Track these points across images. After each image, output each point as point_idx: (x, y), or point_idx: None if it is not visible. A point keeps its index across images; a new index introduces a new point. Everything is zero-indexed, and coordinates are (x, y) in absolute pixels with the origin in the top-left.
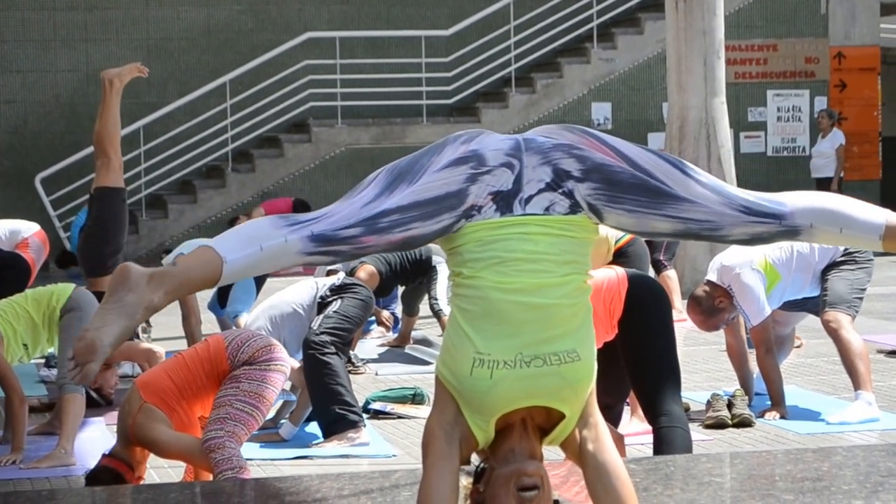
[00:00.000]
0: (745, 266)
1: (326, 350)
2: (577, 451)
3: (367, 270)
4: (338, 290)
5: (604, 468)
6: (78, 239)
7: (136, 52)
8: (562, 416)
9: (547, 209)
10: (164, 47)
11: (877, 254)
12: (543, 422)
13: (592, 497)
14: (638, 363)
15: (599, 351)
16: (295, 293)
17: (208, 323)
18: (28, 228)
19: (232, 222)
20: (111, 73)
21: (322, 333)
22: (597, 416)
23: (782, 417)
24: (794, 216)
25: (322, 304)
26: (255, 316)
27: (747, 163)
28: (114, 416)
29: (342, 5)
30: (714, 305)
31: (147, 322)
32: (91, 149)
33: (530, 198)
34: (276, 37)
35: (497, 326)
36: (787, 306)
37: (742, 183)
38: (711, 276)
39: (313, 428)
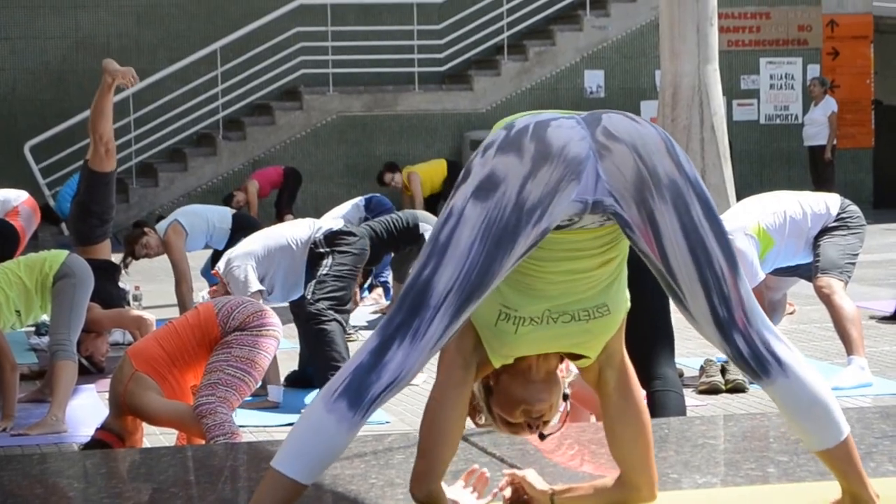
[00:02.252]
0: (738, 231)
1: (324, 318)
2: (597, 384)
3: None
4: (331, 240)
5: (626, 410)
6: (69, 209)
7: (126, 18)
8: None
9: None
10: (153, 13)
11: (869, 220)
12: (565, 354)
13: (610, 437)
14: (632, 326)
15: None
16: (292, 229)
17: (197, 292)
18: (17, 196)
19: (227, 200)
20: (113, 70)
21: (319, 300)
22: (622, 355)
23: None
24: (775, 378)
25: (314, 254)
26: (249, 241)
27: (740, 130)
28: (105, 383)
29: None
30: None
31: (137, 289)
32: (80, 116)
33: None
34: (266, 4)
35: (529, 289)
36: (779, 272)
37: (735, 151)
38: None
39: (310, 396)
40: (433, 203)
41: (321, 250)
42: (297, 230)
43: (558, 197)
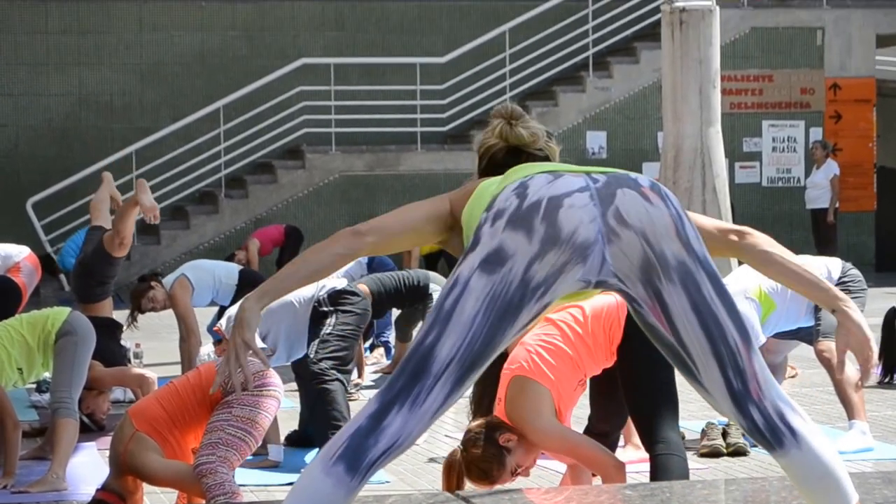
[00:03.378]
0: (739, 294)
1: (327, 377)
2: None
3: (361, 290)
4: (335, 300)
5: None
6: (73, 267)
7: (130, 76)
8: None
9: None
10: (157, 72)
11: (871, 283)
12: None
13: None
14: (637, 390)
15: (598, 378)
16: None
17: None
18: (19, 252)
19: (228, 259)
20: (146, 204)
21: (322, 360)
22: None
23: None
24: (789, 449)
25: (317, 312)
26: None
27: (742, 193)
28: (106, 441)
29: (337, 32)
30: None
31: (138, 347)
32: (83, 173)
33: None
34: (270, 62)
35: None
36: (781, 335)
37: (737, 214)
38: None
39: (311, 455)
40: (434, 261)
41: (325, 309)
42: (301, 289)
43: (563, 277)
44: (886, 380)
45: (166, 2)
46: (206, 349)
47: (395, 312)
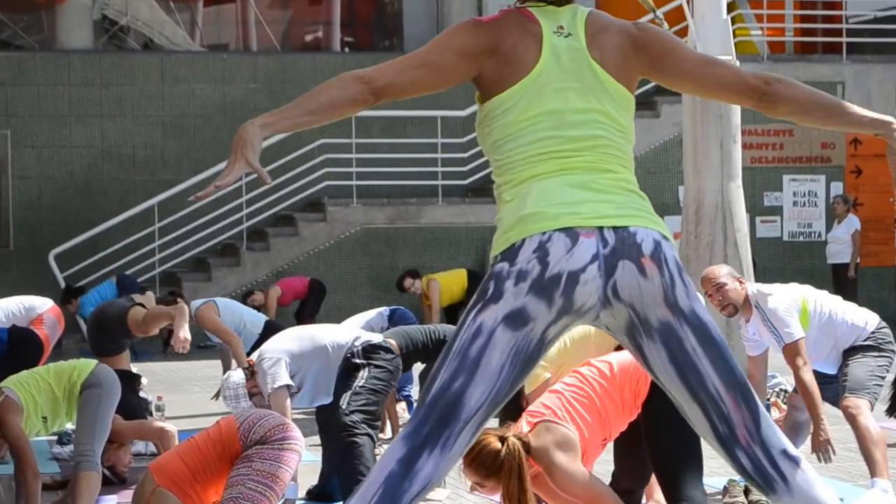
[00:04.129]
0: (783, 292)
1: (357, 430)
2: None
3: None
4: (369, 353)
5: None
6: (90, 317)
7: (152, 128)
8: None
9: None
10: (179, 124)
11: None
12: None
13: None
14: (661, 446)
15: (623, 434)
16: (332, 332)
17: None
18: (42, 304)
19: (245, 297)
20: (180, 336)
21: (353, 412)
22: None
23: (828, 443)
24: (781, 496)
25: (349, 363)
26: (287, 336)
27: (763, 247)
28: (127, 494)
29: None
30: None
31: (160, 399)
32: (105, 225)
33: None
34: None
35: None
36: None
37: (758, 268)
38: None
39: None
40: (453, 312)
41: (357, 361)
42: (336, 334)
43: (566, 330)
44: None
45: (188, 54)
46: (237, 376)
47: (417, 367)
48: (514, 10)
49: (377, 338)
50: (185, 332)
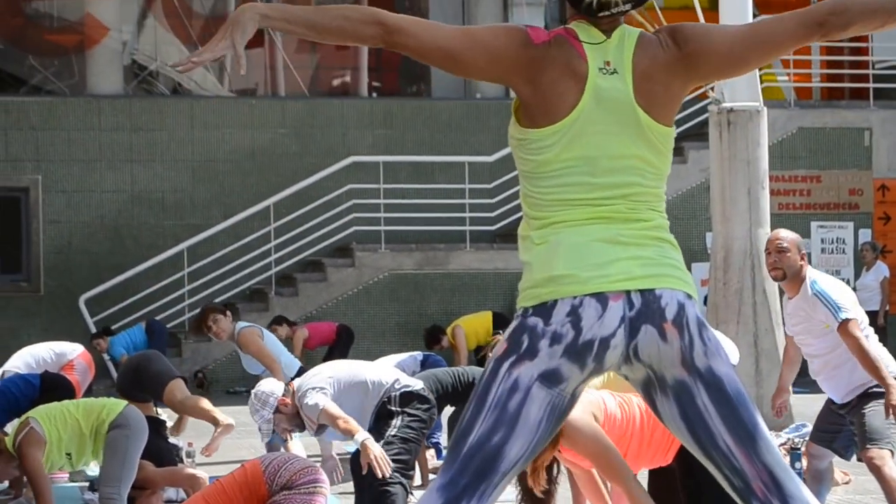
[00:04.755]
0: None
1: (391, 480)
2: None
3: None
4: (405, 401)
5: None
6: (121, 366)
7: (181, 173)
8: None
9: None
10: (208, 169)
11: None
12: None
13: None
14: (694, 494)
15: (655, 475)
16: (374, 370)
17: (252, 449)
18: (73, 350)
19: (269, 325)
20: (211, 442)
21: None
22: None
23: None
24: None
25: (384, 409)
26: (331, 368)
27: None
28: None
29: (386, 130)
30: None
31: (190, 446)
32: (135, 269)
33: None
34: (320, 160)
35: None
36: (818, 435)
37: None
38: None
39: None
40: (484, 356)
41: (392, 408)
42: (379, 373)
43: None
44: None
45: (217, 99)
46: (271, 384)
47: (446, 412)
48: (564, 36)
49: (417, 385)
50: (215, 447)
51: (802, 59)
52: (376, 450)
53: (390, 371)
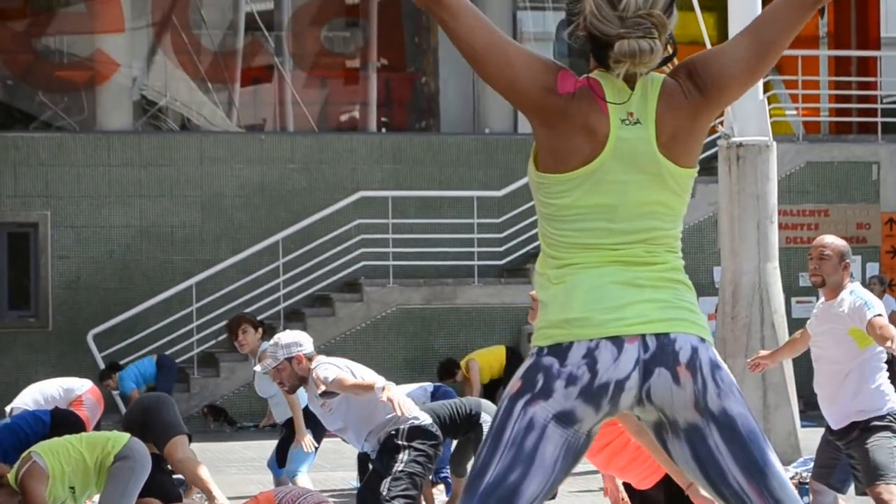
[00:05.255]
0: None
1: None
2: None
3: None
4: (412, 436)
5: None
6: (130, 405)
7: (190, 208)
8: None
9: None
10: (217, 204)
11: None
12: None
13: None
14: None
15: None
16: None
17: (261, 484)
18: (82, 386)
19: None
20: None
21: (394, 498)
22: None
23: None
24: None
25: (391, 442)
26: (346, 361)
27: (799, 327)
28: None
29: (395, 165)
30: None
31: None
32: (144, 305)
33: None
34: (328, 196)
35: None
36: (818, 475)
37: None
38: None
39: None
40: (493, 389)
41: (399, 442)
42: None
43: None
44: None
45: (226, 135)
46: (299, 338)
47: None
48: (589, 90)
49: (425, 419)
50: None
51: (811, 94)
52: (397, 393)
53: (402, 389)
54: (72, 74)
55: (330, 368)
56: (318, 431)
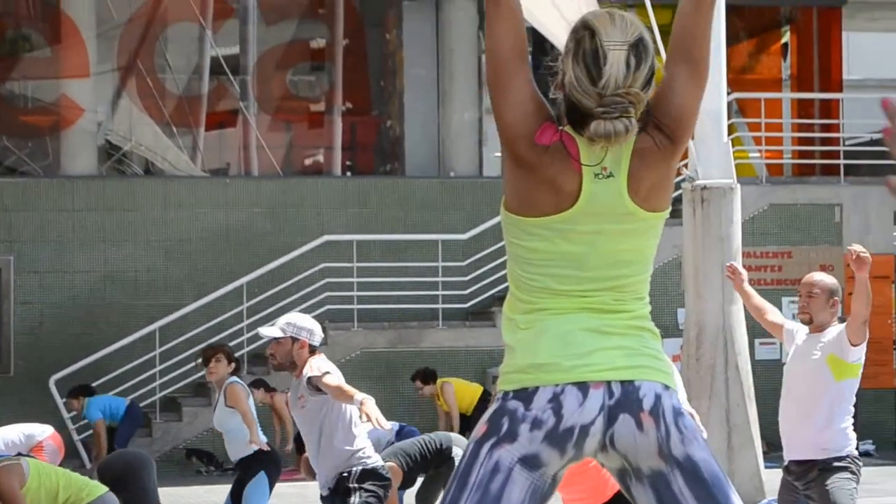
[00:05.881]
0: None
1: None
2: None
3: (391, 468)
4: (363, 478)
5: None
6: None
7: (154, 253)
8: None
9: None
10: (181, 249)
11: (892, 461)
12: None
13: None
14: None
15: None
16: (353, 420)
17: None
18: (42, 432)
19: (254, 385)
20: None
21: None
22: None
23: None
24: None
25: (343, 483)
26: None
27: (762, 370)
28: None
29: (360, 209)
30: None
31: None
32: (106, 350)
33: None
34: (293, 239)
35: None
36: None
37: (758, 390)
38: None
39: None
40: (463, 424)
41: (350, 485)
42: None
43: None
44: None
45: (191, 179)
46: (313, 325)
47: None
48: (564, 147)
49: (377, 462)
50: None
51: (774, 136)
52: (374, 410)
53: (362, 435)
54: (36, 119)
55: (327, 364)
56: (275, 472)
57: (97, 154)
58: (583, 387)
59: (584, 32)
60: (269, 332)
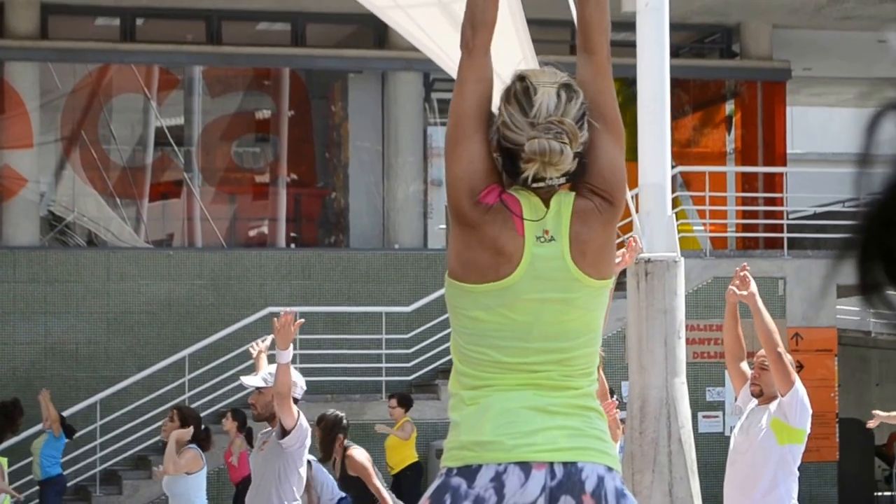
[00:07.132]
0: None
1: None
2: None
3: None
4: None
5: None
6: None
7: (96, 324)
8: None
9: None
10: (123, 321)
11: None
12: None
13: None
14: None
15: None
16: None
17: None
18: None
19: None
20: None
21: None
22: None
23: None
24: None
25: None
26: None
27: (705, 442)
28: None
29: (304, 280)
30: None
31: None
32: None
33: None
34: (236, 311)
35: None
36: None
37: (701, 464)
38: None
39: None
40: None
41: None
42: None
43: None
44: None
45: (133, 251)
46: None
47: None
48: (506, 206)
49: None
50: None
51: (718, 210)
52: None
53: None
54: None
55: (292, 372)
56: None
57: (40, 225)
58: (525, 467)
59: (514, 79)
60: (252, 381)
